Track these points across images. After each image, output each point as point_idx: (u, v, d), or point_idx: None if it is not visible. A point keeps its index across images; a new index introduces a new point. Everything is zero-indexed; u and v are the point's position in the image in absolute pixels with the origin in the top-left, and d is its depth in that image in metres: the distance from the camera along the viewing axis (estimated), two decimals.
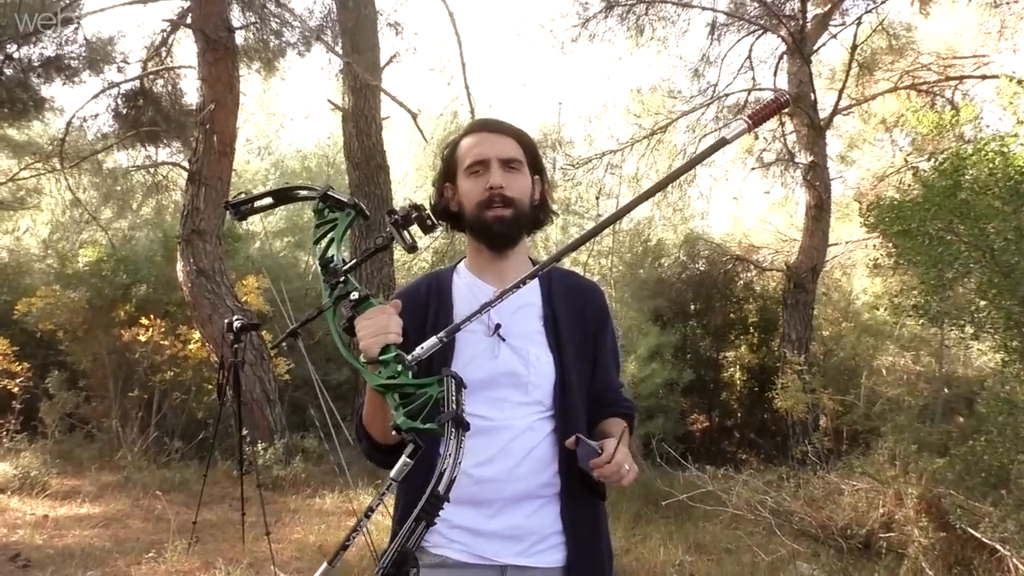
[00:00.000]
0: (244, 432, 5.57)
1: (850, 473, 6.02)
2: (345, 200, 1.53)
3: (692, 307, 12.45)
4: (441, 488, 1.14)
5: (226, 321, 5.32)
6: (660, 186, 1.57)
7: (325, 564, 1.22)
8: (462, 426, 1.20)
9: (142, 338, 8.84)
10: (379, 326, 1.36)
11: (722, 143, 1.41)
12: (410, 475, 1.23)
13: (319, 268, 1.46)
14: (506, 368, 1.62)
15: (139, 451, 8.26)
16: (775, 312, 11.56)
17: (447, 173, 1.78)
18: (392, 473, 1.23)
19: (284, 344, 7.38)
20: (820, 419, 8.89)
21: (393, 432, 1.21)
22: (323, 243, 1.50)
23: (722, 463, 7.46)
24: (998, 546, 4.22)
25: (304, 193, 1.60)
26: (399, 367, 1.31)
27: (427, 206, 1.52)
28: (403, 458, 1.21)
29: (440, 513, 1.56)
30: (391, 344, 1.34)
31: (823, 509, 5.79)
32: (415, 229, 1.49)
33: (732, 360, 12.47)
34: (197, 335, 8.89)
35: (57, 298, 9.04)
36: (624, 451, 1.50)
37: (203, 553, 5.24)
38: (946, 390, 7.26)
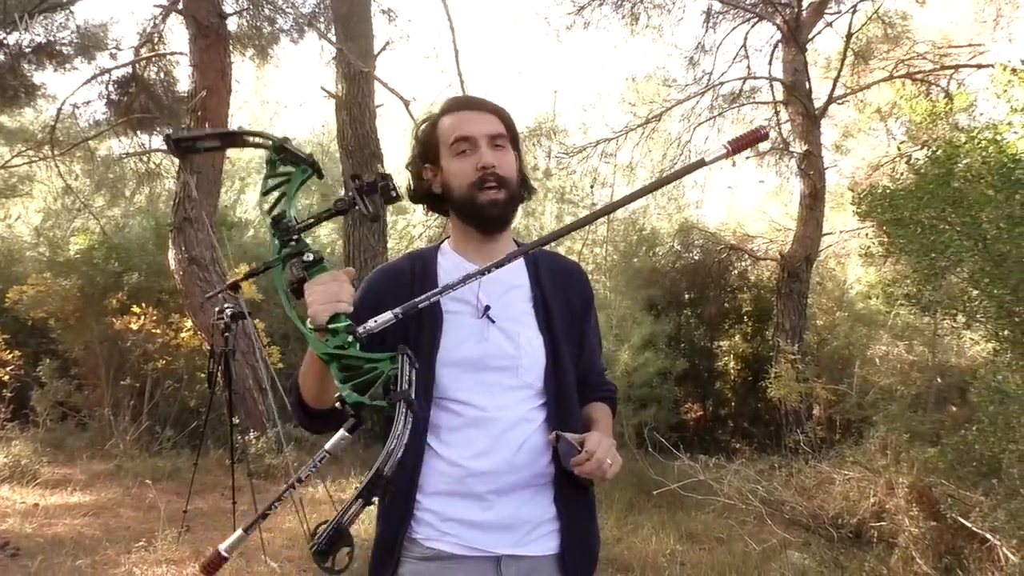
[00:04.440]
0: (235, 421, 5.55)
1: (842, 462, 6.02)
2: (301, 155, 1.45)
3: (686, 296, 12.45)
4: (387, 468, 1.10)
5: (217, 309, 5.31)
6: (639, 193, 1.57)
7: (240, 531, 1.20)
8: (412, 407, 1.16)
9: (134, 326, 8.80)
10: (330, 293, 1.30)
11: (700, 163, 1.45)
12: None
13: (269, 221, 1.39)
14: (496, 351, 1.59)
15: (131, 440, 8.24)
16: (769, 301, 11.56)
17: (426, 154, 1.72)
18: (327, 446, 1.20)
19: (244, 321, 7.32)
20: (813, 408, 8.89)
21: (338, 405, 1.18)
22: (273, 195, 1.43)
23: (716, 452, 7.46)
24: (988, 535, 4.22)
25: (257, 140, 1.50)
26: (349, 338, 1.26)
27: (394, 177, 1.45)
28: (341, 431, 1.18)
29: (431, 506, 1.55)
30: (341, 313, 1.29)
31: (814, 498, 5.80)
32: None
33: (726, 349, 12.48)
34: (189, 323, 8.86)
35: (48, 286, 9.00)
36: (606, 444, 1.49)
37: (194, 542, 5.24)
38: (939, 379, 7.25)
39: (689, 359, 10.87)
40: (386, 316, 1.31)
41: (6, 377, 8.74)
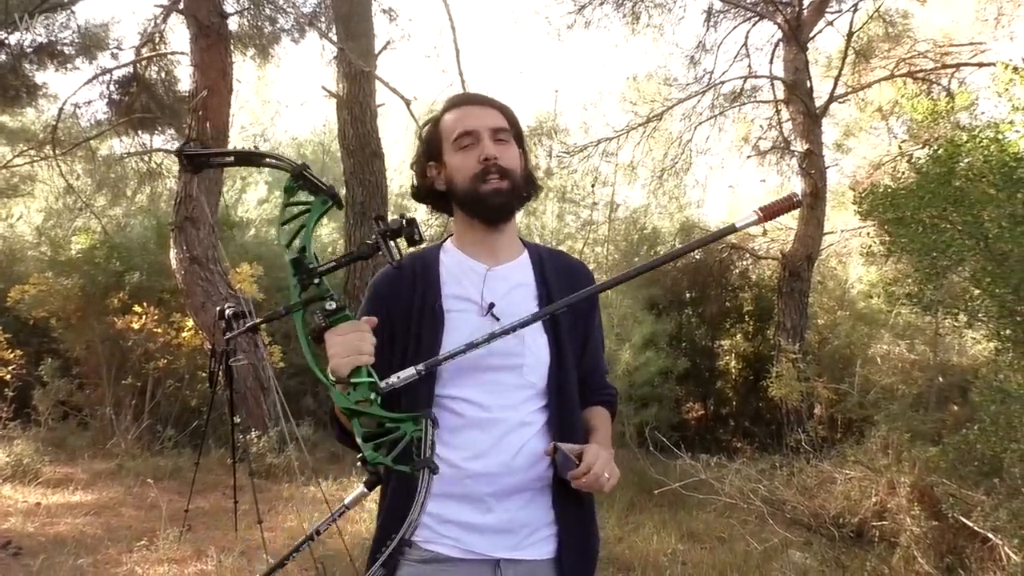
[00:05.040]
0: (237, 420, 5.55)
1: (843, 462, 6.02)
2: (321, 185, 1.42)
3: (687, 295, 12.44)
4: (408, 534, 1.12)
5: (218, 309, 5.31)
6: (676, 254, 1.61)
7: None
8: (434, 472, 1.17)
9: (135, 326, 8.81)
10: (352, 347, 1.30)
11: (732, 229, 1.49)
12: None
13: (288, 260, 1.36)
14: (500, 349, 1.57)
15: (132, 439, 8.25)
16: (770, 301, 11.55)
17: (429, 152, 1.72)
18: (347, 501, 1.21)
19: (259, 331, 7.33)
20: (815, 408, 8.89)
21: (359, 464, 1.18)
22: (291, 226, 1.41)
23: (717, 451, 7.46)
24: (990, 535, 4.22)
25: (273, 162, 1.46)
26: (372, 394, 1.26)
27: (419, 221, 1.43)
28: (361, 488, 1.19)
29: (431, 508, 1.55)
30: (363, 367, 1.29)
31: (816, 498, 5.80)
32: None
33: (727, 349, 12.47)
34: (190, 323, 8.87)
35: (50, 285, 9.02)
36: (604, 458, 1.49)
37: (195, 541, 5.25)
38: (940, 379, 7.25)
39: (690, 358, 10.85)
40: (408, 372, 1.33)
41: (8, 376, 8.75)
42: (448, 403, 1.56)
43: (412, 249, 1.43)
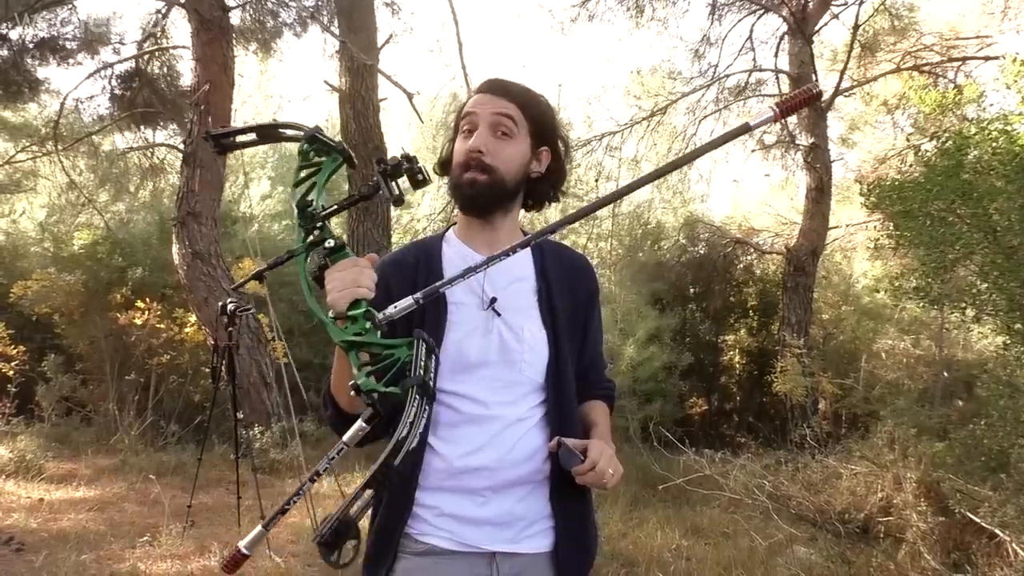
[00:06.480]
0: (240, 416, 5.54)
1: (848, 457, 6.00)
2: (332, 144, 1.39)
3: (691, 290, 12.42)
4: (397, 459, 1.07)
5: (220, 304, 5.31)
6: (674, 165, 1.47)
7: (260, 527, 1.16)
8: (427, 394, 1.12)
9: (138, 321, 8.82)
10: (350, 279, 1.26)
11: (746, 128, 1.32)
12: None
13: (295, 211, 1.34)
14: (499, 345, 1.57)
15: (135, 435, 8.24)
16: (775, 295, 11.53)
17: (454, 133, 1.71)
18: (345, 437, 1.16)
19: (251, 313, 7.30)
20: (819, 403, 8.86)
21: (351, 393, 1.14)
22: (304, 186, 1.38)
23: (721, 447, 7.45)
24: (997, 531, 4.19)
25: (290, 133, 1.44)
26: (367, 324, 1.22)
27: (420, 160, 1.40)
28: (359, 422, 1.15)
29: (427, 501, 1.53)
30: (361, 299, 1.26)
31: (821, 493, 5.77)
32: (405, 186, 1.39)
33: (731, 343, 12.45)
34: (193, 318, 8.86)
35: (53, 281, 9.02)
36: (608, 454, 1.48)
37: (198, 537, 5.23)
38: (945, 374, 7.22)
39: (694, 353, 10.83)
40: (406, 302, 1.27)
41: (11, 372, 8.74)
42: (446, 399, 1.55)
43: (415, 240, 1.38)
